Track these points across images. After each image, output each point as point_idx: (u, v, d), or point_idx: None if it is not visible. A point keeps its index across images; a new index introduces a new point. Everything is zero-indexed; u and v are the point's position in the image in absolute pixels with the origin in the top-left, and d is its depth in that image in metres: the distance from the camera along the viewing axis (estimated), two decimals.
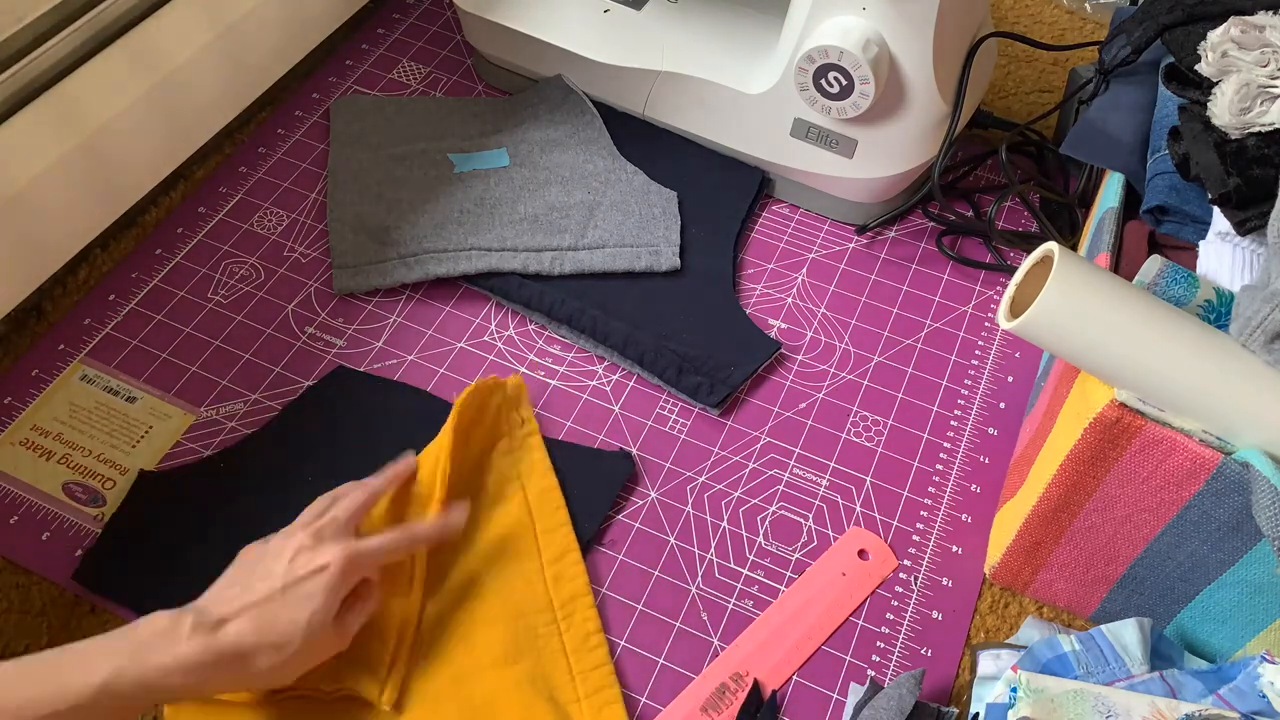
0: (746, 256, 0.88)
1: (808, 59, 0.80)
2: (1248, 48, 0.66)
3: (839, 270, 0.87)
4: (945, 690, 0.66)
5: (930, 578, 0.71)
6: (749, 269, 0.87)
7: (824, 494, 0.74)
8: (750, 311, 0.84)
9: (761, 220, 0.91)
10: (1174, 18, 0.73)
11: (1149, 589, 0.63)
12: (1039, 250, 0.57)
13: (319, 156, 0.93)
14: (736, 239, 0.87)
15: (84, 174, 0.79)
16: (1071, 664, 0.59)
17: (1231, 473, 0.54)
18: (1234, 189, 0.64)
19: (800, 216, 0.91)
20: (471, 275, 0.82)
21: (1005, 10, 1.09)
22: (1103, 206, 0.73)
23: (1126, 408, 0.55)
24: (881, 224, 0.90)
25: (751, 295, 0.85)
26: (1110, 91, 0.78)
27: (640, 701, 0.65)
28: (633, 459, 0.74)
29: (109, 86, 0.80)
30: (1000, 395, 0.80)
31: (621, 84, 0.91)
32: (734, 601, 0.69)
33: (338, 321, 0.82)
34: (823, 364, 0.81)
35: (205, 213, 0.88)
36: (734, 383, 0.77)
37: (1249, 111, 0.65)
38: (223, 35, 0.87)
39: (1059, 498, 0.61)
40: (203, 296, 0.82)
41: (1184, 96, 0.71)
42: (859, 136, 0.84)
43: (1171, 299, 0.61)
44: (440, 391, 0.78)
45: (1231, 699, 0.55)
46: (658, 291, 0.83)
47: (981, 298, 0.86)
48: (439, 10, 1.06)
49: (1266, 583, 0.58)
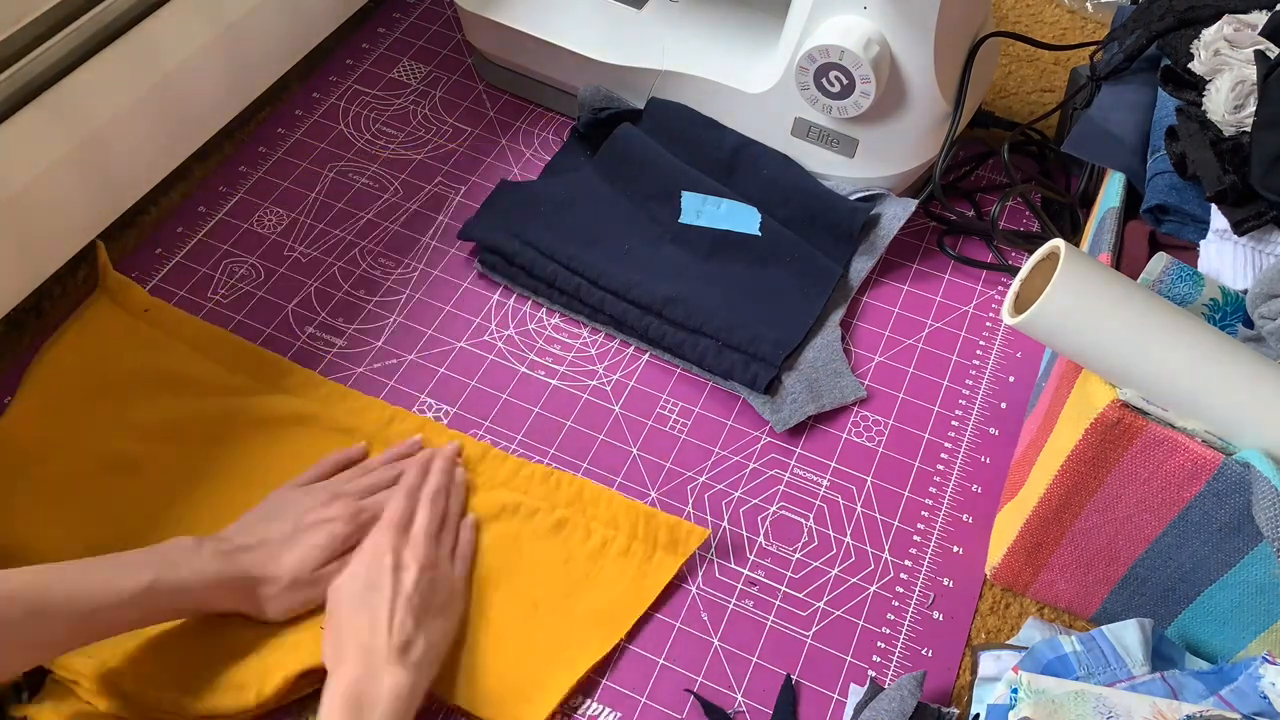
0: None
1: (809, 58, 0.80)
2: (1240, 45, 0.66)
3: None
4: (946, 691, 0.66)
5: (931, 578, 0.70)
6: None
7: (824, 494, 0.74)
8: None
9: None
10: (1165, 24, 0.74)
11: (1150, 590, 0.63)
12: (1045, 247, 0.57)
13: (319, 156, 0.93)
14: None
15: (83, 173, 0.78)
16: (1073, 665, 0.59)
17: (1233, 473, 0.53)
18: (1230, 186, 0.64)
19: None
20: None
21: (1006, 10, 1.09)
22: (1104, 206, 0.73)
23: (1128, 408, 0.55)
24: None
25: None
26: (1111, 91, 0.78)
27: (640, 702, 0.65)
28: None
29: (109, 86, 0.80)
30: (1001, 395, 0.80)
31: (622, 83, 0.91)
32: (734, 602, 0.69)
33: (338, 321, 0.82)
34: None
35: (205, 212, 0.88)
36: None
37: (1243, 109, 0.66)
38: (223, 35, 0.87)
39: (1060, 498, 0.61)
40: (203, 296, 0.82)
41: (1180, 98, 0.71)
42: (860, 136, 0.84)
43: (1176, 297, 0.61)
44: (440, 391, 0.78)
45: (1233, 700, 0.55)
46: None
47: (983, 297, 0.86)
48: (439, 10, 1.06)
49: (1267, 583, 0.58)
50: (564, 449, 0.76)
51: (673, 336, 0.79)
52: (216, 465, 0.72)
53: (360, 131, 0.95)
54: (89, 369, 0.75)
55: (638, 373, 0.80)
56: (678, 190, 0.86)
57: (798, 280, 0.82)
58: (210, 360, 0.77)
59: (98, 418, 0.73)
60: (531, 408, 0.78)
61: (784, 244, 0.83)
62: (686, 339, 0.79)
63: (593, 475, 0.74)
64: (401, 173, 0.92)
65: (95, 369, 0.75)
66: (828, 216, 0.85)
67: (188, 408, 0.74)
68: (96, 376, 0.75)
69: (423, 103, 0.98)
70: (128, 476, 0.71)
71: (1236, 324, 0.62)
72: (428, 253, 0.87)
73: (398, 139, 0.94)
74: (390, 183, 0.91)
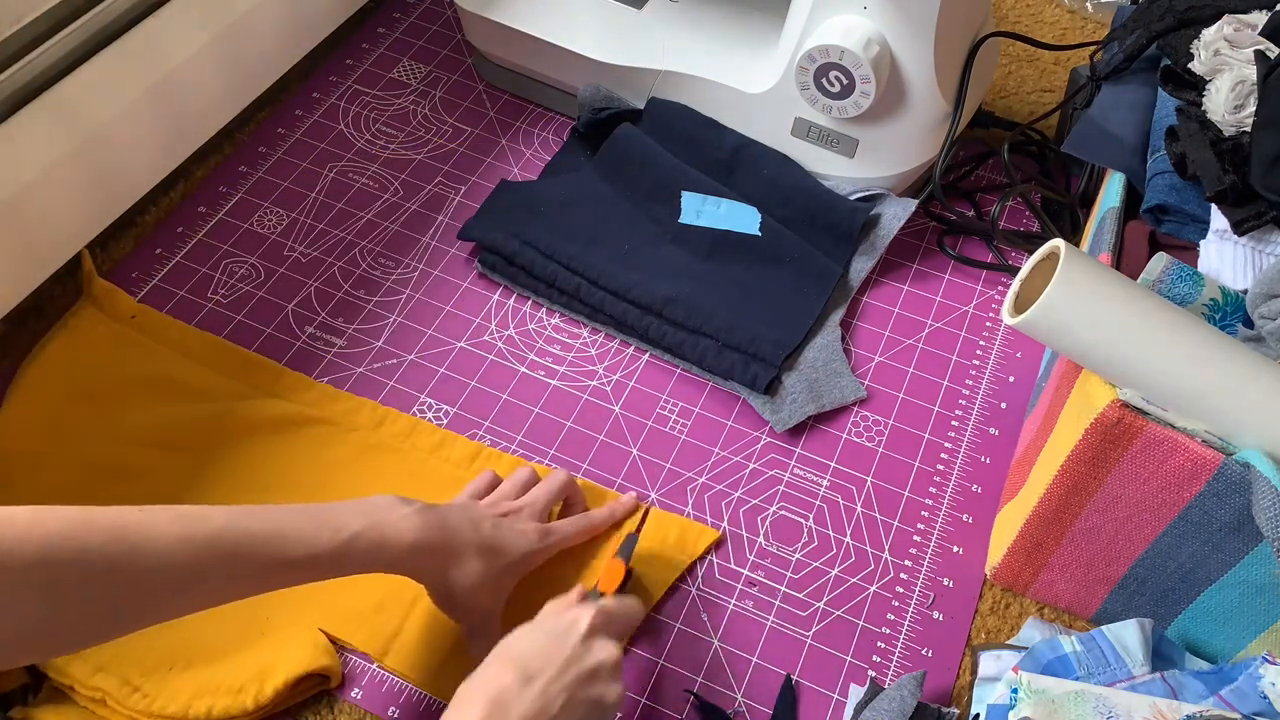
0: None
1: (809, 58, 0.79)
2: (1240, 45, 0.66)
3: None
4: (946, 691, 0.66)
5: (931, 578, 0.70)
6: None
7: (824, 494, 0.74)
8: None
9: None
10: (1165, 25, 0.74)
11: (1150, 590, 0.63)
12: (1045, 246, 0.57)
13: (319, 156, 0.93)
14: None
15: (83, 173, 0.78)
16: (1072, 665, 0.59)
17: (1232, 473, 0.53)
18: (1229, 186, 0.64)
19: None
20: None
21: (1006, 10, 1.09)
22: (1104, 206, 0.73)
23: (1128, 408, 0.55)
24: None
25: None
26: (1111, 91, 0.78)
27: (640, 702, 0.65)
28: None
29: (109, 86, 0.80)
30: (1002, 395, 0.80)
31: (622, 83, 0.91)
32: (734, 602, 0.69)
33: (338, 321, 0.82)
34: None
35: (205, 212, 0.88)
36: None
37: (1243, 109, 0.66)
38: (223, 35, 0.87)
39: (1060, 498, 0.61)
40: (202, 296, 0.82)
41: (1180, 98, 0.71)
42: (860, 136, 0.84)
43: (1176, 297, 0.61)
44: (440, 391, 0.78)
45: (1233, 700, 0.55)
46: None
47: (983, 297, 0.86)
48: (439, 10, 1.06)
49: (1267, 584, 0.58)
50: (564, 449, 0.76)
51: (673, 336, 0.79)
52: (207, 470, 0.72)
53: (360, 131, 0.95)
54: (77, 376, 0.75)
55: (638, 373, 0.80)
56: (678, 190, 0.86)
57: (798, 280, 0.82)
58: (199, 365, 0.77)
59: (87, 425, 0.73)
60: (531, 408, 0.78)
61: (784, 244, 0.83)
62: (686, 339, 0.79)
63: (593, 475, 0.74)
64: (401, 173, 0.92)
65: (83, 376, 0.75)
66: (828, 216, 0.85)
67: (177, 413, 0.74)
68: (85, 383, 0.75)
69: (423, 103, 0.98)
70: (118, 483, 0.71)
71: (1236, 324, 0.62)
72: (428, 253, 0.87)
73: (398, 139, 0.94)
74: (390, 183, 0.91)
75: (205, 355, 0.78)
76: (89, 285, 0.79)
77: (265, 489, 0.71)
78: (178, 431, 0.73)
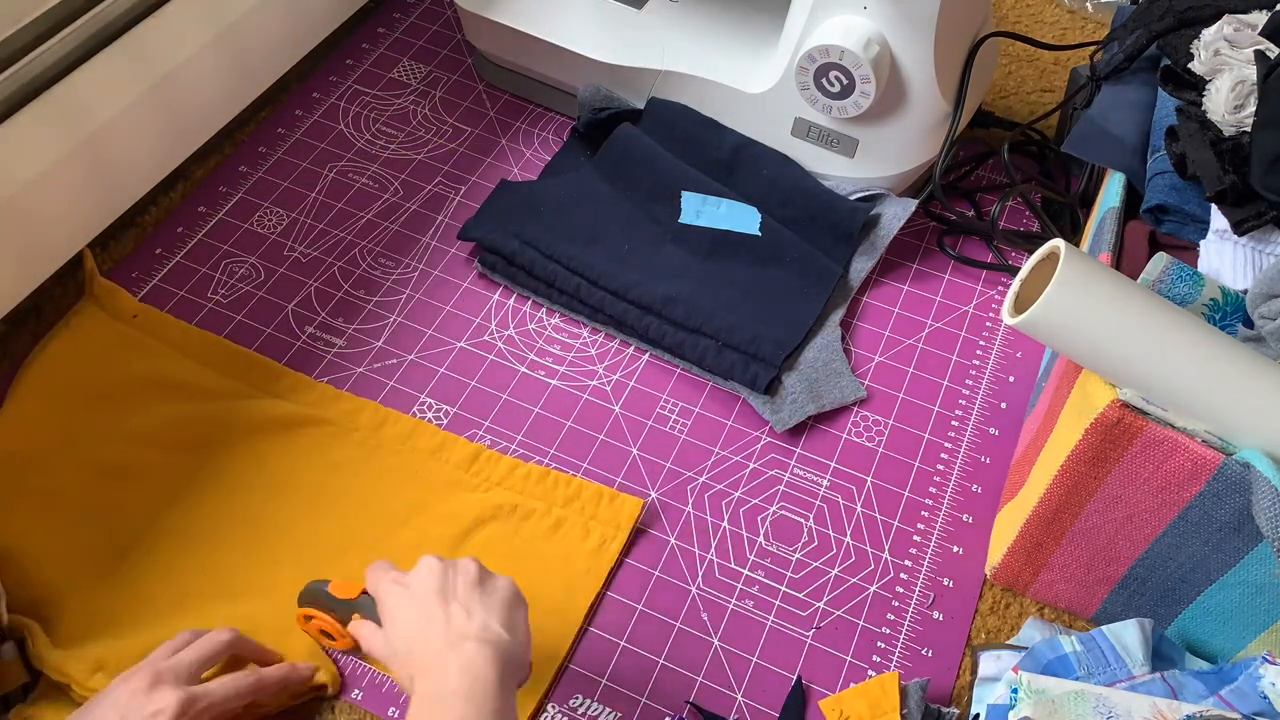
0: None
1: (809, 58, 0.80)
2: (1240, 45, 0.66)
3: None
4: (946, 691, 0.66)
5: (931, 578, 0.70)
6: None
7: (824, 494, 0.74)
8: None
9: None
10: (1165, 25, 0.74)
11: (1150, 590, 0.63)
12: (1045, 246, 0.57)
13: (319, 156, 0.93)
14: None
15: (84, 174, 0.78)
16: (1072, 665, 0.59)
17: (1232, 473, 0.53)
18: (1229, 186, 0.64)
19: None
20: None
21: (1006, 10, 1.09)
22: (1104, 206, 0.73)
23: (1128, 408, 0.55)
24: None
25: None
26: (1111, 91, 0.78)
27: (640, 701, 0.65)
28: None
29: (109, 86, 0.80)
30: (1002, 395, 0.80)
31: (622, 83, 0.91)
32: (734, 601, 0.69)
33: (338, 321, 0.82)
34: None
35: (205, 212, 0.88)
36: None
37: (1243, 109, 0.66)
38: (223, 35, 0.87)
39: (1060, 498, 0.61)
40: (203, 296, 0.82)
41: (1180, 98, 0.71)
42: (860, 136, 0.84)
43: (1176, 297, 0.61)
44: (440, 391, 0.78)
45: (1233, 700, 0.55)
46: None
47: (983, 297, 0.86)
48: (439, 10, 1.06)
49: (1267, 584, 0.58)
50: (564, 449, 0.76)
51: (673, 336, 0.79)
52: (209, 470, 0.72)
53: (360, 131, 0.95)
54: (79, 375, 0.75)
55: (638, 373, 0.80)
56: (678, 190, 0.86)
57: (798, 280, 0.82)
58: (200, 365, 0.77)
59: (89, 424, 0.73)
60: (531, 408, 0.78)
61: (784, 244, 0.83)
62: (686, 339, 0.79)
63: (593, 475, 0.74)
64: (401, 173, 0.92)
65: (85, 375, 0.75)
66: (828, 216, 0.85)
67: (179, 412, 0.74)
68: (87, 383, 0.75)
69: (423, 103, 0.98)
70: (120, 482, 0.71)
71: (1236, 324, 0.62)
72: (428, 253, 0.87)
73: (398, 139, 0.94)
74: (390, 183, 0.91)
75: (207, 355, 0.78)
76: (91, 285, 0.79)
77: (266, 489, 0.71)
78: (179, 431, 0.73)
